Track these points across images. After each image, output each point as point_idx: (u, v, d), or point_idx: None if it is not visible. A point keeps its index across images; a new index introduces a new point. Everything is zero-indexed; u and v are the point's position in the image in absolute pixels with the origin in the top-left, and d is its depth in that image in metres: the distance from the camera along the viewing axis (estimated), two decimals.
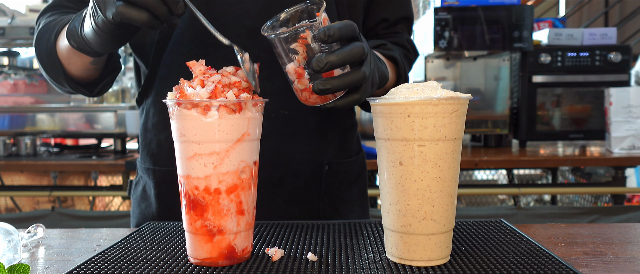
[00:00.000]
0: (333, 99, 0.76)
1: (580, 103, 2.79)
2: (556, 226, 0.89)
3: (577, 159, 2.46)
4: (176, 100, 0.66)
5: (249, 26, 0.95)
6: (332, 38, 0.69)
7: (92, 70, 0.95)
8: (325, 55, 0.69)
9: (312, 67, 0.69)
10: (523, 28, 2.62)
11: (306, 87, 0.75)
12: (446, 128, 0.65)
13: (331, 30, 0.69)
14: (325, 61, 0.69)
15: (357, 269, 0.66)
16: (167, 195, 1.03)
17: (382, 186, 0.69)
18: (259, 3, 0.96)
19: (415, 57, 1.16)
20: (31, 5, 3.18)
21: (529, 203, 3.59)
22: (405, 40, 1.13)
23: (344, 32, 0.70)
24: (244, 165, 0.68)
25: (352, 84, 0.72)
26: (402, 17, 1.13)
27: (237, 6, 0.96)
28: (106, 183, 3.51)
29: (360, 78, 0.73)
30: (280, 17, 0.77)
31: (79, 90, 0.99)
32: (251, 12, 0.96)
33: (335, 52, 0.70)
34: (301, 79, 0.75)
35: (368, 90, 0.77)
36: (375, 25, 1.11)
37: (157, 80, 1.01)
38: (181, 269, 0.67)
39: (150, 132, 1.04)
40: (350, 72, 0.72)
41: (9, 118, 2.88)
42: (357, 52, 0.71)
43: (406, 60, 1.10)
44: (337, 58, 0.69)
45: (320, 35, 0.69)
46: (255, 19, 0.95)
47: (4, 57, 3.11)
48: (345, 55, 0.70)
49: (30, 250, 0.80)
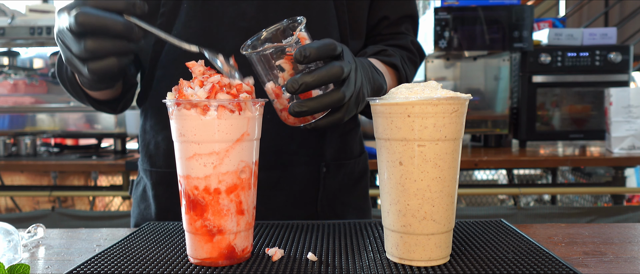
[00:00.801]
0: (312, 120, 0.73)
1: (580, 103, 2.80)
2: (556, 226, 0.89)
3: (577, 159, 2.46)
4: (175, 100, 0.66)
5: (244, 27, 0.95)
6: (309, 58, 0.66)
7: (113, 92, 0.98)
8: (300, 76, 0.67)
9: (287, 88, 0.67)
10: (523, 28, 2.63)
11: (285, 106, 0.73)
12: (446, 128, 0.65)
13: (307, 50, 0.66)
14: (300, 82, 0.66)
15: (357, 269, 0.66)
16: (164, 196, 1.03)
17: (382, 186, 0.69)
18: (255, 4, 0.96)
19: (421, 59, 1.12)
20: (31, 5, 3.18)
21: (529, 203, 3.59)
22: (409, 41, 1.09)
23: (322, 51, 0.67)
24: (243, 165, 0.68)
25: (329, 106, 0.70)
26: (404, 15, 1.09)
27: (232, 7, 0.96)
28: (106, 183, 3.51)
29: (338, 99, 0.69)
30: (262, 36, 0.75)
31: (103, 109, 1.02)
32: (246, 14, 0.96)
33: (312, 73, 0.67)
34: (279, 99, 0.73)
35: (352, 109, 0.74)
36: (377, 24, 1.08)
37: (154, 81, 1.01)
38: (181, 270, 0.67)
39: (149, 133, 1.05)
40: (328, 93, 0.69)
41: (9, 118, 2.88)
42: (334, 72, 0.68)
43: (410, 64, 1.07)
44: (313, 80, 0.67)
45: (296, 56, 0.66)
46: (250, 20, 0.95)
47: (4, 57, 3.11)
48: (322, 76, 0.67)
49: (30, 250, 0.80)
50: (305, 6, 0.97)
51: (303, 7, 0.95)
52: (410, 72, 1.06)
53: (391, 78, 0.99)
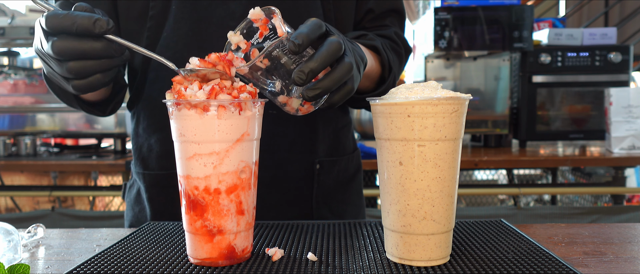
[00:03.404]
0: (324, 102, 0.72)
1: (580, 103, 2.79)
2: (556, 226, 0.89)
3: (577, 159, 2.46)
4: (175, 100, 0.66)
5: (233, 27, 0.95)
6: (303, 46, 0.64)
7: (102, 94, 0.97)
8: (303, 64, 0.65)
9: (294, 81, 0.65)
10: (523, 28, 2.62)
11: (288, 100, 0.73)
12: (446, 128, 0.65)
13: (299, 38, 0.64)
14: (306, 71, 0.65)
15: (357, 269, 0.66)
16: (157, 198, 1.03)
17: (382, 186, 0.69)
18: (243, 4, 0.95)
19: (406, 52, 1.09)
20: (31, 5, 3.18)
21: (529, 203, 3.59)
22: (392, 32, 1.07)
23: (312, 33, 0.65)
24: (243, 165, 0.68)
25: (342, 79, 0.68)
26: (389, 10, 1.09)
27: (221, 8, 0.96)
28: (106, 183, 3.51)
29: (347, 69, 0.68)
30: (232, 43, 0.73)
31: (93, 112, 1.01)
32: (235, 13, 0.96)
33: (313, 58, 0.65)
34: (290, 103, 0.73)
35: (357, 77, 0.73)
36: (362, 18, 1.08)
37: (146, 84, 1.01)
38: (181, 270, 0.67)
39: (141, 136, 1.05)
40: (336, 68, 0.68)
41: (9, 118, 2.88)
42: (334, 48, 0.66)
43: (393, 53, 1.04)
44: (318, 64, 0.65)
45: (291, 48, 0.64)
46: (239, 20, 0.95)
47: (4, 57, 3.11)
48: (324, 57, 0.66)
49: (30, 250, 0.80)
50: (293, 6, 0.96)
51: (290, 7, 0.95)
52: (393, 59, 1.02)
53: (373, 60, 0.97)
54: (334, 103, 0.72)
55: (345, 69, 0.68)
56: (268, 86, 0.73)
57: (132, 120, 1.08)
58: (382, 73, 1.00)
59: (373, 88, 1.01)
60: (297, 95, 0.73)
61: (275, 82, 0.73)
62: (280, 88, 0.73)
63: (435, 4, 2.74)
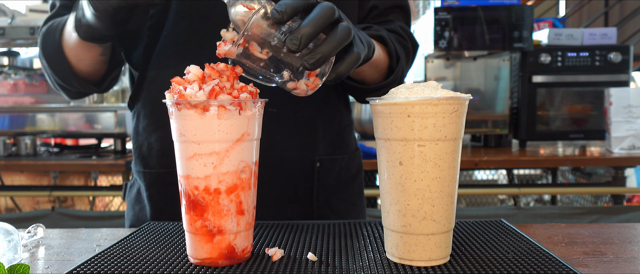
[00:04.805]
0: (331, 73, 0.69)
1: (580, 103, 2.80)
2: (556, 226, 0.89)
3: (577, 159, 2.46)
4: (175, 100, 0.66)
5: None
6: (288, 13, 0.61)
7: (100, 63, 0.97)
8: (296, 30, 0.62)
9: (289, 48, 0.62)
10: (523, 28, 2.63)
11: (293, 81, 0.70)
12: (446, 128, 0.65)
13: (282, 5, 0.60)
14: (299, 36, 0.61)
15: (357, 269, 0.66)
16: (158, 197, 1.03)
17: (382, 186, 0.69)
18: None
19: (413, 46, 1.07)
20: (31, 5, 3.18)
21: (529, 203, 3.59)
22: (398, 26, 1.05)
23: (298, 3, 0.62)
24: (244, 165, 0.68)
25: (341, 42, 0.65)
26: (393, 5, 1.08)
27: (221, 6, 0.95)
28: (106, 183, 3.51)
29: (346, 32, 0.65)
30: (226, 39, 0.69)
31: (88, 87, 1.01)
32: None
33: (304, 23, 0.62)
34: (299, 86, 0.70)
35: (359, 44, 0.70)
36: (366, 15, 1.07)
37: (146, 82, 1.01)
38: (181, 270, 0.67)
39: (141, 134, 1.05)
40: (333, 32, 0.65)
41: (9, 118, 2.88)
42: (325, 11, 0.63)
43: (399, 45, 1.02)
44: (310, 27, 0.62)
45: (274, 17, 0.60)
46: None
47: (4, 57, 3.11)
48: (316, 20, 0.62)
49: (30, 250, 0.80)
50: None
51: None
52: (400, 50, 1.00)
53: (381, 50, 0.95)
54: (341, 73, 0.69)
55: (344, 32, 0.65)
56: (274, 76, 0.71)
57: (133, 119, 1.09)
58: (390, 64, 0.99)
59: (381, 79, 1.00)
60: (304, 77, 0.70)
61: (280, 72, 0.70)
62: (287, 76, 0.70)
63: (435, 4, 2.74)
